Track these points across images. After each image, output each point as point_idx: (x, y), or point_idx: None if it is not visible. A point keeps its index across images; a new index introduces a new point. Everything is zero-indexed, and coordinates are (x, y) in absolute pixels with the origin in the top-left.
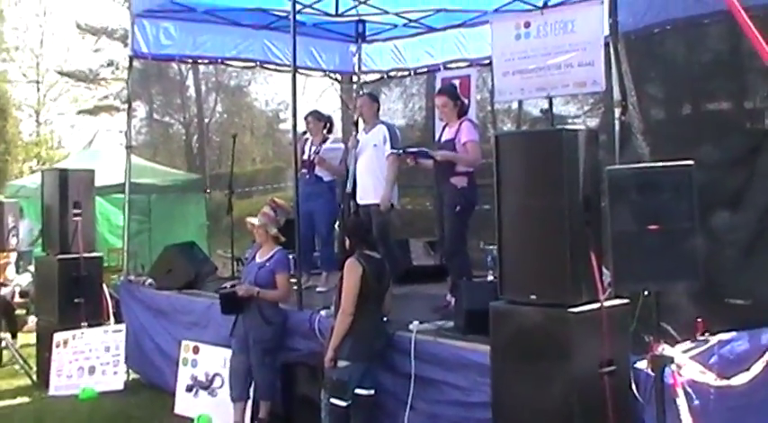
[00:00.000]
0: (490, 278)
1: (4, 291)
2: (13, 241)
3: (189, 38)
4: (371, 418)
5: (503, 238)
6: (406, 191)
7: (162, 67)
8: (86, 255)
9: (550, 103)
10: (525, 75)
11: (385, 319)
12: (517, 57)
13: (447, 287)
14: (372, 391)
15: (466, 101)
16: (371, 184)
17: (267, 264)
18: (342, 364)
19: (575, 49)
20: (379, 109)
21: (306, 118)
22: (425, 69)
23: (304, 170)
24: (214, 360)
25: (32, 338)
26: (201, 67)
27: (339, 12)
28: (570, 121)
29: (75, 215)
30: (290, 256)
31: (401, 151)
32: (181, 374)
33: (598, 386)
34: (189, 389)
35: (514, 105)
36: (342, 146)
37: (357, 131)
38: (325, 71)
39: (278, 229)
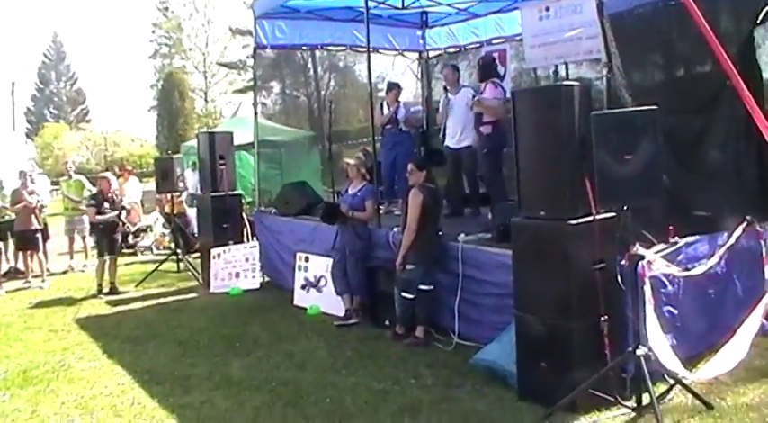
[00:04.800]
0: None
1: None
2: (180, 185)
3: (296, 31)
4: (431, 306)
5: (520, 170)
6: None
7: (289, 54)
8: (229, 193)
9: (566, 68)
10: (547, 47)
11: (440, 232)
12: (541, 33)
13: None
14: (432, 287)
15: (502, 69)
16: (463, 133)
17: (358, 193)
18: (409, 267)
19: (582, 26)
20: (459, 77)
21: (393, 90)
22: (473, 46)
23: (389, 126)
24: (320, 266)
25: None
26: (318, 53)
27: (405, 5)
28: (589, 82)
29: (221, 165)
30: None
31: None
32: (297, 277)
33: (591, 279)
34: (303, 287)
35: (551, 71)
36: (420, 107)
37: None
38: (398, 50)
39: (366, 169)
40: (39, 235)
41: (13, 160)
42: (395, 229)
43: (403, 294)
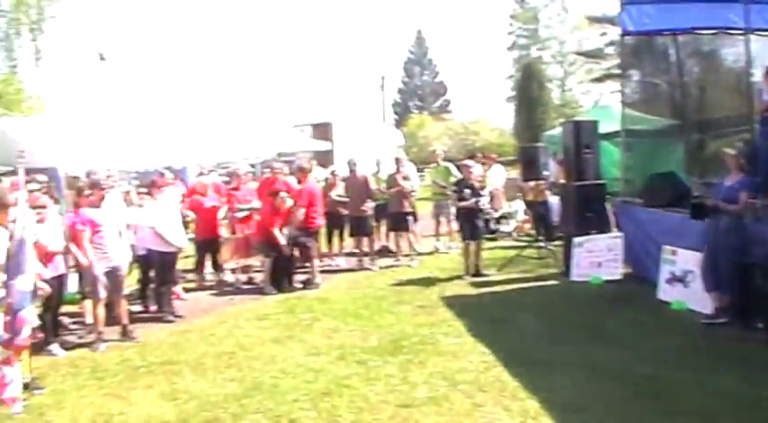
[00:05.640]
0: None
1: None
2: (544, 173)
3: (663, 15)
4: None
5: None
6: None
7: (649, 40)
8: (594, 182)
9: None
10: None
11: None
12: None
13: None
14: None
15: None
16: None
17: (734, 185)
18: None
19: None
20: None
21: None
22: None
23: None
24: (688, 260)
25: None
26: (680, 38)
27: None
28: None
29: (586, 153)
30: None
31: None
32: (662, 270)
33: None
34: (668, 281)
35: None
36: None
37: None
38: None
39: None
40: (409, 217)
41: (384, 148)
42: None
43: None
